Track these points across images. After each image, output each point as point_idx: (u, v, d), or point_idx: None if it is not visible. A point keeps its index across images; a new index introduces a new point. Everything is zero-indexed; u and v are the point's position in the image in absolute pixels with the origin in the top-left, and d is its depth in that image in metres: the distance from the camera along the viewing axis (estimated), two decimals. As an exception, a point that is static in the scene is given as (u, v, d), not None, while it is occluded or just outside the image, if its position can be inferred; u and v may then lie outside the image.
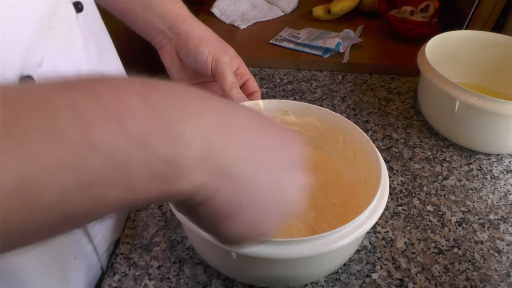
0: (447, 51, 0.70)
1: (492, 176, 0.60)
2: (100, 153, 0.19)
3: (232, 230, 0.26)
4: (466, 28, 0.86)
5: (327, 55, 0.83)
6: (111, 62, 0.50)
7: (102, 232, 0.48)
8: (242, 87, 0.56)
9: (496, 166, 0.62)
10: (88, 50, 0.42)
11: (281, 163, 0.27)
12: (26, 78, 0.32)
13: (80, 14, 0.40)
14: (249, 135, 0.26)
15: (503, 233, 0.52)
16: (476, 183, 0.59)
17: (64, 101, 0.19)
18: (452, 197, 0.57)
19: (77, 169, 0.18)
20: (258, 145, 0.26)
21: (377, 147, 0.60)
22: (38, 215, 0.18)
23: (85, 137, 0.18)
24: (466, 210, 0.55)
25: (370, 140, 0.47)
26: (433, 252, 0.49)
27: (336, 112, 0.55)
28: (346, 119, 0.50)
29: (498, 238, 0.51)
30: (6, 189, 0.17)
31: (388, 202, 0.55)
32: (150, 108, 0.21)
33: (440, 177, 0.60)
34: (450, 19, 0.88)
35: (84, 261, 0.46)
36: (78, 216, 0.20)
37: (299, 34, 0.88)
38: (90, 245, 0.47)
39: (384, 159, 0.61)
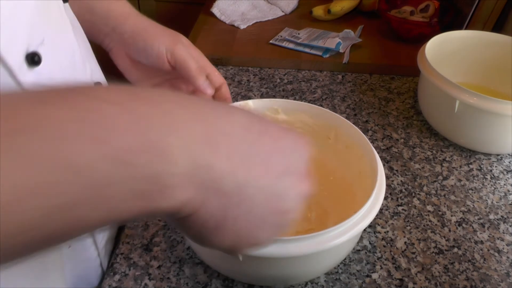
0: (447, 51, 0.70)
1: (492, 176, 0.60)
2: (79, 174, 0.18)
3: (221, 242, 0.26)
4: (466, 28, 0.86)
5: (327, 55, 0.83)
6: (91, 59, 0.48)
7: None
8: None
9: (496, 166, 0.62)
10: (77, 39, 0.41)
11: (276, 172, 0.26)
12: (32, 54, 0.32)
13: (66, 4, 0.40)
14: (240, 145, 0.25)
15: (503, 233, 0.52)
16: (476, 183, 0.59)
17: (41, 117, 0.17)
18: (452, 197, 0.57)
19: (56, 191, 0.17)
20: (249, 156, 0.25)
21: (377, 147, 0.60)
22: (17, 236, 0.17)
23: (64, 157, 0.17)
24: (466, 210, 0.55)
25: (362, 133, 0.47)
26: (433, 252, 0.49)
27: (336, 112, 0.55)
28: (337, 114, 0.50)
29: (498, 238, 0.51)
30: None
31: (388, 202, 0.55)
32: (133, 123, 0.20)
33: (440, 177, 0.60)
34: (450, 19, 0.88)
35: (81, 253, 0.45)
36: (59, 236, 0.19)
37: (299, 34, 0.88)
38: (89, 236, 0.45)
39: (384, 159, 0.62)
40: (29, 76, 0.31)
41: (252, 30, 0.92)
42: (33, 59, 0.32)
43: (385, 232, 0.51)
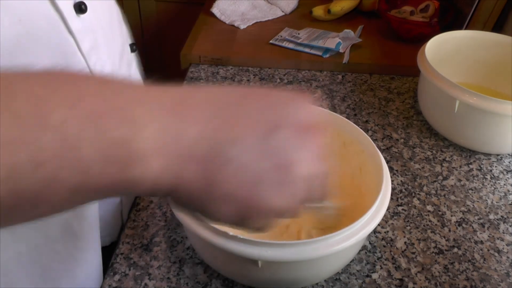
0: (447, 51, 0.70)
1: (492, 176, 0.60)
2: (52, 132, 0.19)
3: (225, 213, 0.25)
4: (466, 28, 0.86)
5: (327, 55, 0.83)
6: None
7: None
8: None
9: (496, 166, 0.62)
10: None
11: (266, 127, 0.25)
12: (80, 3, 0.37)
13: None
14: (219, 109, 0.24)
15: (503, 233, 0.52)
16: (476, 183, 0.59)
17: (22, 86, 0.19)
18: (452, 197, 0.57)
19: (29, 145, 0.18)
20: (231, 117, 0.24)
21: (377, 147, 0.60)
22: None
23: (38, 115, 0.19)
24: (466, 210, 0.55)
25: (360, 129, 0.47)
26: (433, 252, 0.49)
27: (336, 112, 0.55)
28: (334, 113, 0.50)
29: (498, 238, 0.51)
30: None
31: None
32: (103, 93, 0.21)
33: (440, 177, 0.60)
34: (450, 19, 0.88)
35: None
36: (31, 197, 0.19)
37: (299, 34, 0.88)
38: None
39: (384, 159, 0.62)
40: (76, 23, 0.37)
41: (252, 30, 0.92)
42: (80, 7, 0.37)
43: (385, 232, 0.51)
